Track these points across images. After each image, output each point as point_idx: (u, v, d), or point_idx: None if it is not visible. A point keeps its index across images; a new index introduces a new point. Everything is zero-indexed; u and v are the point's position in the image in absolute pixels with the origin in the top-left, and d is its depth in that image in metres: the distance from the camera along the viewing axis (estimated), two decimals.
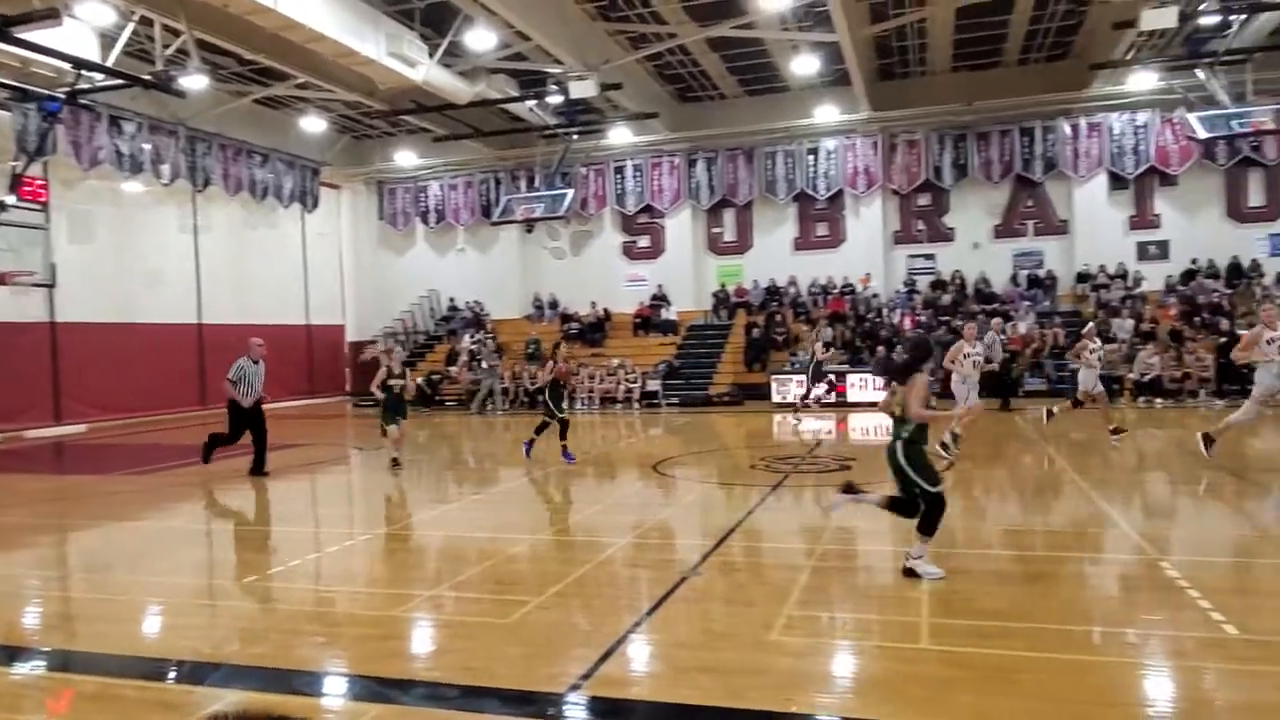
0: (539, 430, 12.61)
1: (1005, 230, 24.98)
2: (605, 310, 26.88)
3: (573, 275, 28.05)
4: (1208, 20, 17.60)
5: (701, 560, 6.78)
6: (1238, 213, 23.40)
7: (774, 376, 22.11)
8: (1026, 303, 23.53)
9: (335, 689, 4.67)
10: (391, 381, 11.98)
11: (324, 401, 27.16)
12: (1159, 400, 18.92)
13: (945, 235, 25.45)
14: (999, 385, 19.40)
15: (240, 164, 24.08)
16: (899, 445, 6.11)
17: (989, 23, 20.76)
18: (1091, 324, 14.87)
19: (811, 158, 25.78)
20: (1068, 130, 23.87)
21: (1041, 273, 24.46)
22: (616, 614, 5.60)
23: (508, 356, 25.31)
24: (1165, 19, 16.91)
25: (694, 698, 4.27)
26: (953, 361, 11.32)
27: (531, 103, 21.22)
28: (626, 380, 23.16)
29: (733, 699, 4.25)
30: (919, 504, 6.12)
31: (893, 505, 6.35)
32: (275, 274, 26.89)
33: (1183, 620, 5.13)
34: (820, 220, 26.35)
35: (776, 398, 21.53)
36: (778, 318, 24.79)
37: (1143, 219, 23.99)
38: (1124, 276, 23.41)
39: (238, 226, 25.79)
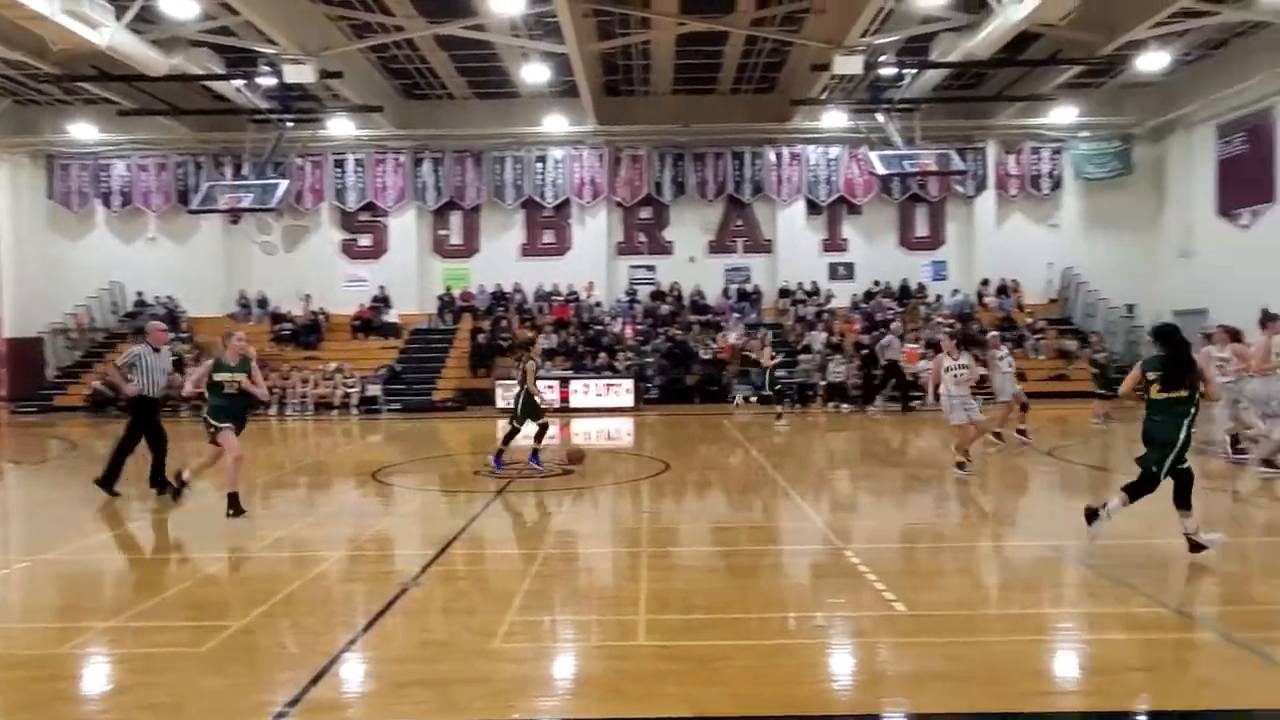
0: (508, 441, 11.48)
1: (718, 246, 26.81)
2: (321, 311, 25.38)
3: (285, 272, 26.12)
4: (887, 71, 20.07)
5: (422, 570, 6.57)
6: (908, 241, 26.87)
7: (499, 382, 22.04)
8: (736, 314, 25.38)
9: None
10: (220, 377, 8.86)
11: None
12: (845, 405, 21.16)
13: (665, 248, 26.81)
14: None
15: None
16: (1185, 424, 6.27)
17: (706, 51, 22.21)
18: (994, 333, 15.24)
19: (540, 165, 26.09)
20: (773, 158, 26.11)
21: (749, 287, 26.52)
22: (330, 632, 5.27)
23: (207, 357, 23.00)
24: (853, 66, 19.05)
25: (412, 713, 4.12)
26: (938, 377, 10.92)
27: (240, 83, 19.53)
28: (344, 385, 22.03)
29: (453, 711, 4.14)
30: (1187, 481, 6.33)
31: (1135, 490, 6.50)
32: None
33: (862, 601, 5.74)
34: (547, 227, 26.71)
35: (501, 403, 21.45)
36: (504, 323, 24.77)
37: (833, 242, 26.79)
38: (817, 293, 25.99)
39: None
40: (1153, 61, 21.15)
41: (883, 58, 19.94)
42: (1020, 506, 9.69)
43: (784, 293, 26.14)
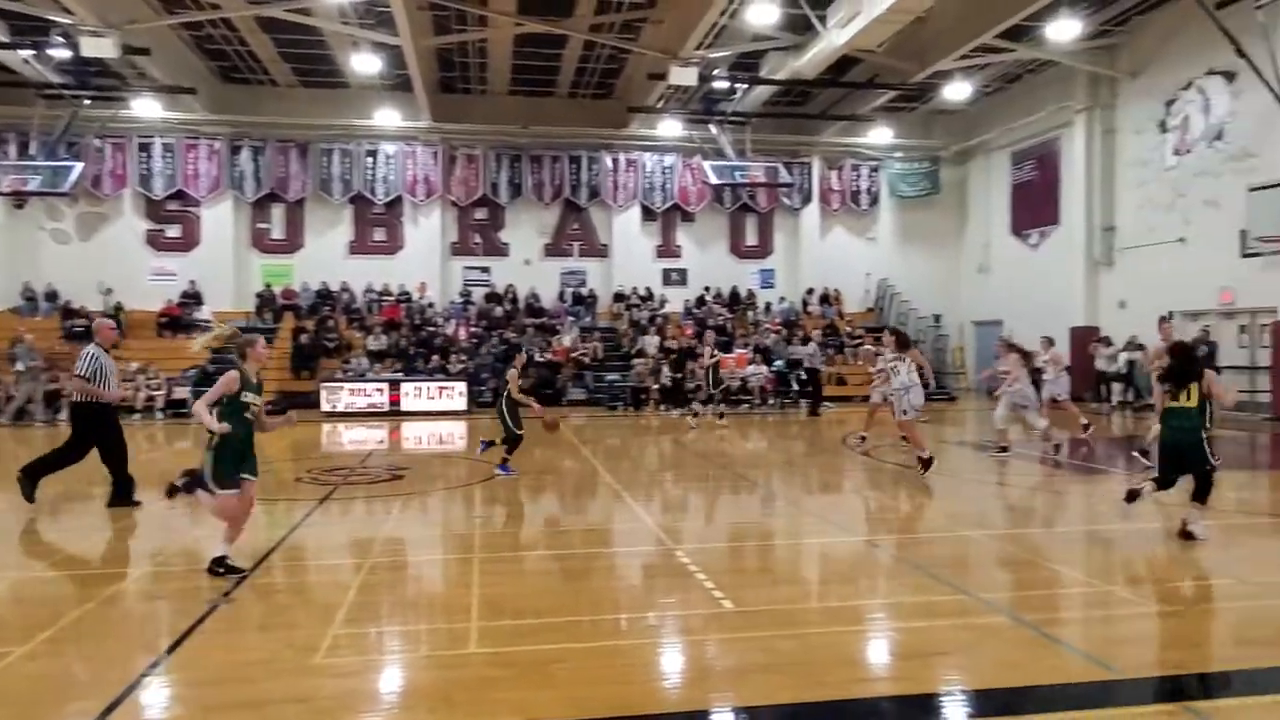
0: (511, 448, 11.31)
1: (554, 249, 26.79)
2: (121, 306, 23.36)
3: (80, 264, 23.90)
4: (720, 84, 20.76)
5: (235, 585, 6.15)
6: (738, 249, 27.84)
7: (324, 385, 21.07)
8: (571, 318, 25.44)
9: None
10: (249, 398, 6.56)
11: None
12: (676, 409, 21.62)
13: (500, 250, 26.52)
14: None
15: None
16: (1202, 432, 7.25)
17: (545, 54, 22.17)
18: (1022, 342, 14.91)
19: (370, 160, 25.19)
20: (609, 163, 26.38)
21: (585, 291, 26.65)
22: (129, 656, 4.83)
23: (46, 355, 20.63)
24: (688, 77, 19.56)
25: None
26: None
27: (28, 53, 17.70)
28: (149, 387, 20.37)
29: None
30: (1208, 480, 7.23)
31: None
32: None
33: (691, 600, 5.87)
34: (378, 225, 25.82)
35: (326, 406, 20.54)
36: (329, 323, 23.71)
37: (667, 249, 27.38)
38: (652, 298, 26.46)
39: None
40: (957, 91, 22.96)
41: (716, 71, 20.62)
42: (839, 504, 10.21)
43: (619, 297, 26.44)
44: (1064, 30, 18.52)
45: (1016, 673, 4.52)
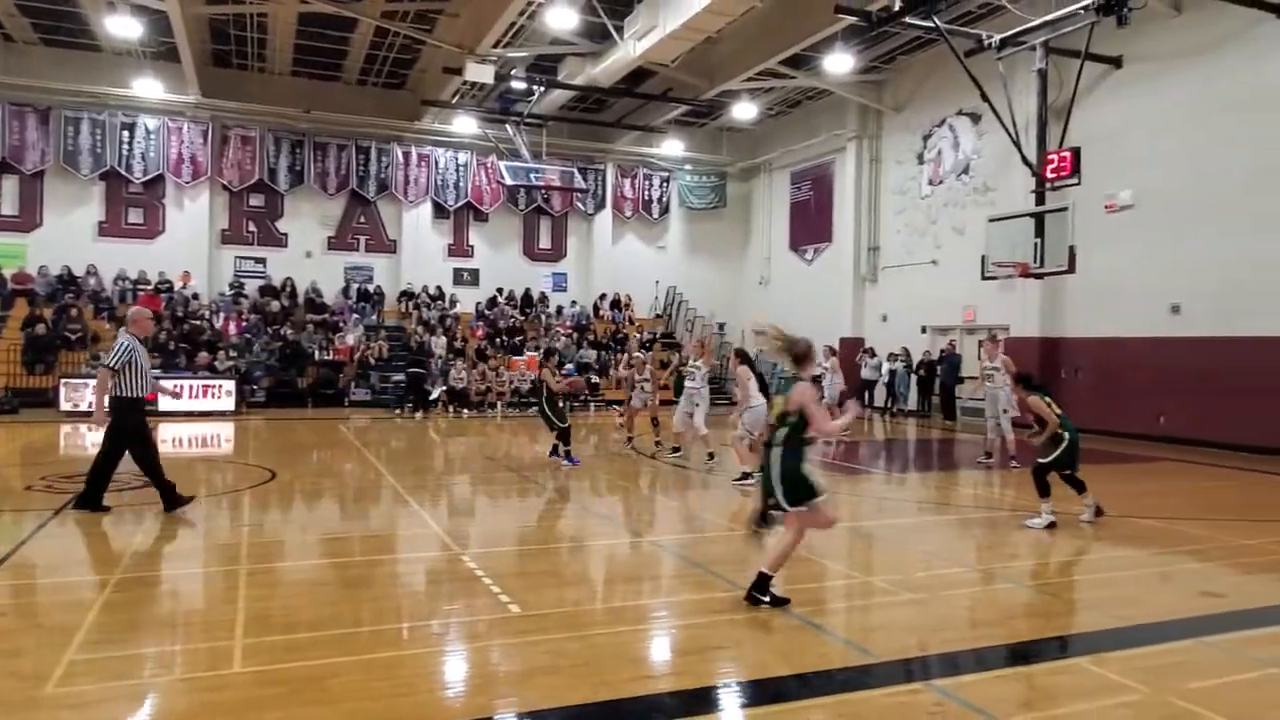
0: (564, 439, 12.40)
1: (339, 243, 25.52)
2: None
3: None
4: (518, 84, 20.63)
5: None
6: (531, 252, 27.78)
7: (65, 381, 18.83)
8: (356, 315, 24.33)
9: None
10: None
11: None
12: (466, 410, 21.23)
13: (278, 240, 24.91)
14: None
15: None
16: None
17: (331, 36, 21.07)
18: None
19: (127, 134, 22.88)
20: (400, 156, 25.49)
21: (371, 287, 25.57)
22: None
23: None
24: (484, 74, 19.29)
25: None
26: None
27: None
28: None
29: None
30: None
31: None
32: None
33: (478, 606, 5.75)
34: (135, 205, 23.47)
35: (67, 405, 18.35)
36: (73, 312, 21.25)
37: (459, 248, 26.84)
38: (442, 298, 25.82)
39: None
40: (744, 111, 24.18)
41: (514, 71, 20.48)
42: (625, 506, 10.40)
43: (407, 295, 25.61)
44: (839, 63, 19.96)
45: (787, 662, 4.78)
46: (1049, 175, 15.27)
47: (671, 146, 27.53)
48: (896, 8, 15.27)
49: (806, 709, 4.18)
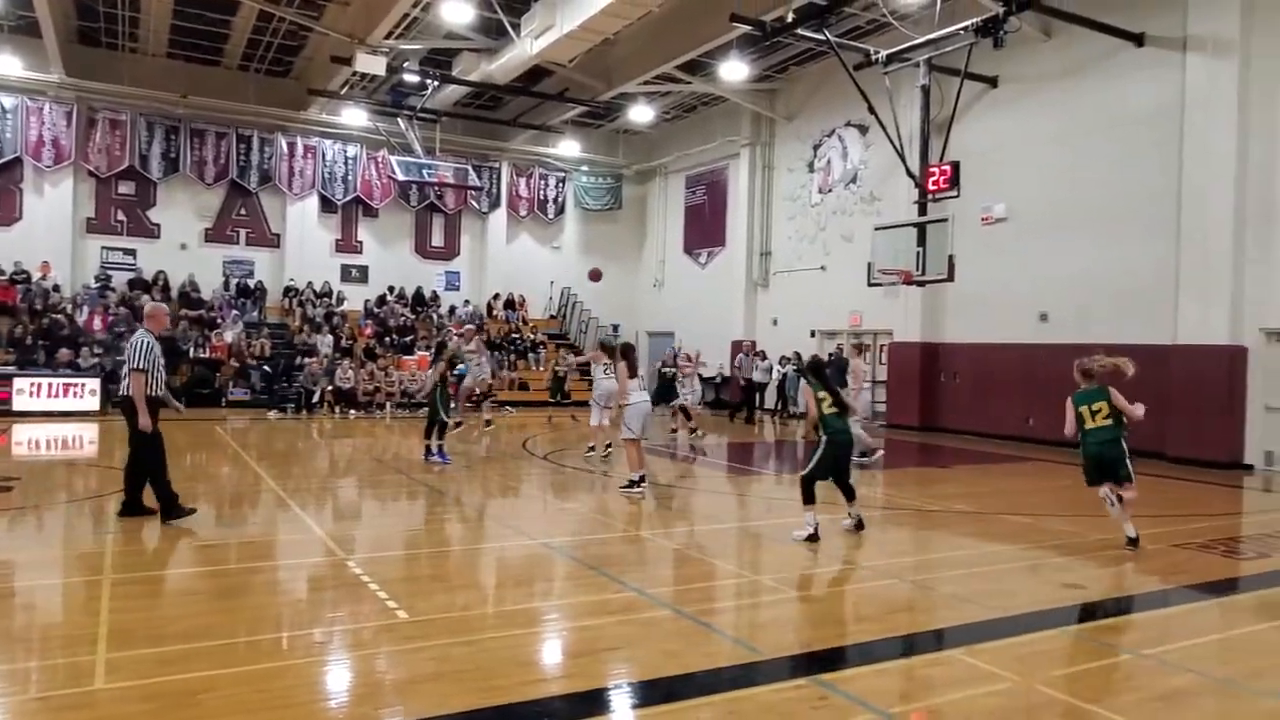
0: (440, 434, 12.39)
1: (217, 235, 24.39)
2: None
3: None
4: (410, 77, 20.17)
5: None
6: (423, 249, 27.21)
7: None
8: (235, 311, 23.28)
9: None
10: None
11: None
12: (353, 411, 20.61)
13: (150, 231, 23.61)
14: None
15: None
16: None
17: (211, 18, 20.15)
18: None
19: None
20: (285, 147, 24.55)
21: (252, 282, 24.52)
22: None
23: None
24: (375, 66, 18.78)
25: None
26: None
27: None
28: None
29: None
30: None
31: None
32: None
33: (363, 612, 5.58)
34: None
35: None
36: None
37: (348, 244, 26.04)
38: (329, 295, 24.99)
39: None
40: (641, 114, 24.34)
41: (406, 63, 20.03)
42: (516, 508, 10.29)
43: (290, 291, 24.67)
44: (734, 71, 20.33)
45: (677, 661, 4.82)
46: (931, 187, 15.95)
47: (568, 147, 27.45)
48: (790, 19, 15.67)
49: (696, 708, 4.22)
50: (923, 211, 16.29)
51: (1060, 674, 4.72)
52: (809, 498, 7.79)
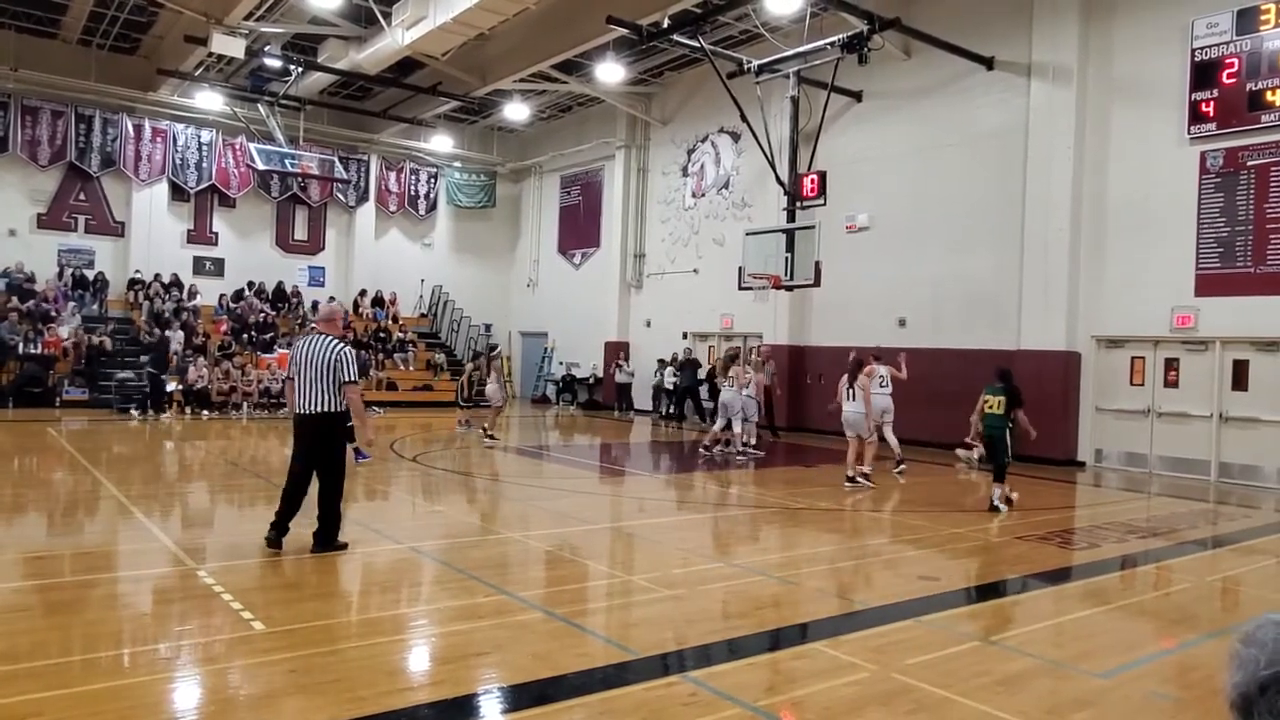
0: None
1: (52, 221, 22.58)
2: None
3: None
4: (272, 62, 19.25)
5: None
6: (285, 243, 26.01)
7: None
8: (73, 304, 21.62)
9: None
10: None
11: None
12: (206, 412, 19.48)
13: None
14: None
15: None
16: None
17: None
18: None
19: None
20: (130, 129, 23.00)
21: (91, 273, 22.83)
22: None
23: None
24: (234, 48, 17.86)
25: None
26: None
27: None
28: None
29: None
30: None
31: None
32: None
33: (215, 625, 5.26)
34: None
35: None
36: None
37: (201, 234, 24.62)
38: (179, 288, 23.55)
39: None
40: (516, 112, 24.09)
41: (268, 47, 19.14)
42: (382, 511, 9.98)
43: (135, 283, 23.11)
44: (610, 73, 20.39)
45: (549, 664, 4.77)
46: (800, 195, 16.46)
47: (440, 142, 26.86)
48: (665, 25, 15.85)
49: (569, 709, 4.19)
50: (791, 218, 16.80)
51: (914, 662, 4.95)
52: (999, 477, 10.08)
